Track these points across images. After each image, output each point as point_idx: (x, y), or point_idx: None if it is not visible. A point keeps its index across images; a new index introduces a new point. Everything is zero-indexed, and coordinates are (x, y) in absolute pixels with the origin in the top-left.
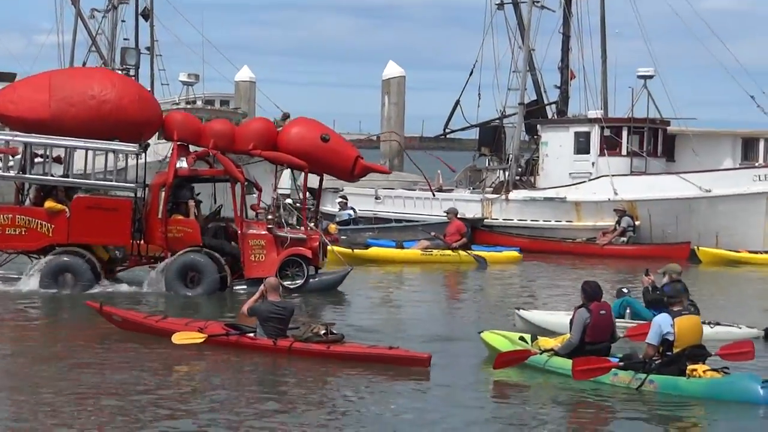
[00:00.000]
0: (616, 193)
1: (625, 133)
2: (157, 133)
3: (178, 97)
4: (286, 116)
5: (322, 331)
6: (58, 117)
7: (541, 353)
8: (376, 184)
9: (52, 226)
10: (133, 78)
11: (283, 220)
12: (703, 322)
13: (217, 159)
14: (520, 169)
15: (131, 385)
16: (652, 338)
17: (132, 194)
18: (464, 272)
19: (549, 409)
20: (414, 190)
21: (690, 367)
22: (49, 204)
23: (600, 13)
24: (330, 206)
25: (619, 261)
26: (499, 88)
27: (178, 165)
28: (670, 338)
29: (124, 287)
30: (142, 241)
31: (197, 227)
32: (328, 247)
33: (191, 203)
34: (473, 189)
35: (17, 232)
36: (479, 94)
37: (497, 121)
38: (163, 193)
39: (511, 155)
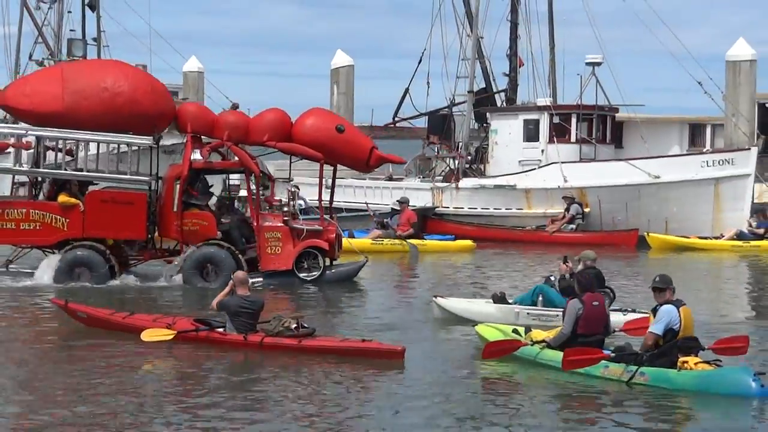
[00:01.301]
0: (565, 180)
1: (574, 120)
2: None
3: None
4: (235, 106)
5: (293, 325)
6: (72, 110)
7: (532, 345)
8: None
9: (67, 220)
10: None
11: (297, 212)
12: (619, 309)
13: (231, 151)
14: (469, 157)
15: (98, 384)
16: (657, 328)
17: (146, 187)
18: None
19: (537, 402)
20: (364, 179)
21: (681, 359)
22: (63, 198)
23: (548, 1)
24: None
25: (568, 248)
26: (448, 76)
27: (192, 157)
28: (676, 328)
29: (138, 281)
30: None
31: (213, 220)
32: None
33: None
34: (423, 178)
35: (31, 227)
36: (428, 82)
37: (446, 109)
38: (177, 186)
39: (460, 143)
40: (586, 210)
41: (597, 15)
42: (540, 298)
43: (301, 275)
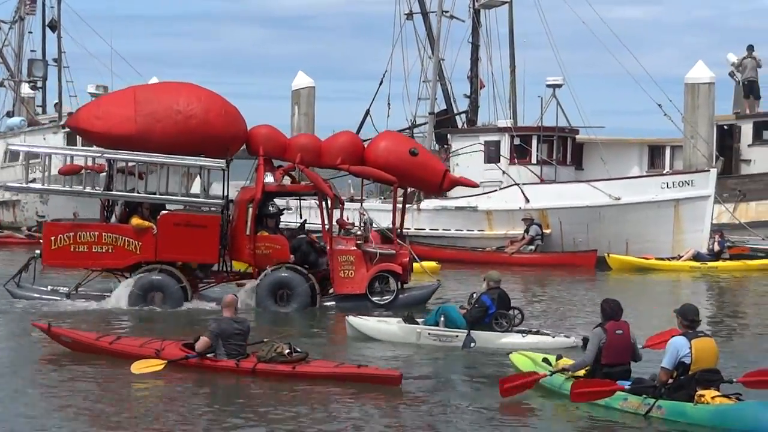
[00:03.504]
0: (527, 202)
1: (534, 142)
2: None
3: None
4: None
5: (286, 350)
6: (145, 132)
7: (551, 374)
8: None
9: (140, 243)
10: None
11: (370, 236)
12: (521, 331)
13: (304, 174)
14: None
15: (85, 410)
16: (667, 362)
17: (218, 211)
18: None
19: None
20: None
21: (699, 392)
22: (136, 221)
23: (508, 23)
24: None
25: (528, 269)
26: (409, 97)
27: (265, 180)
28: (687, 361)
29: (211, 305)
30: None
31: (286, 243)
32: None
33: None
34: (384, 199)
35: (104, 250)
36: (389, 103)
37: (407, 130)
38: (250, 209)
39: None
40: (547, 231)
41: (557, 37)
42: (442, 319)
43: (374, 299)
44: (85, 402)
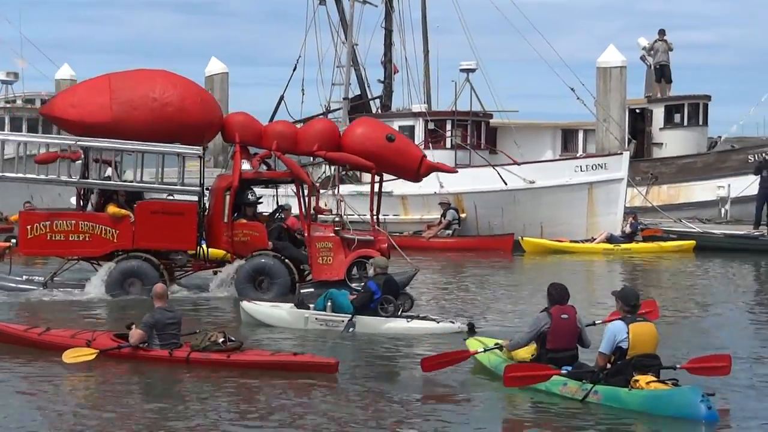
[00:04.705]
0: (442, 186)
1: (449, 126)
2: None
3: None
4: None
5: (221, 339)
6: (120, 120)
7: (485, 351)
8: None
9: (117, 231)
10: None
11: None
12: (407, 317)
13: (281, 160)
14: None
15: (15, 406)
16: (604, 347)
17: (195, 198)
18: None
19: (476, 414)
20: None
21: (635, 378)
22: (112, 209)
23: (421, 8)
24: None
25: (445, 254)
26: (323, 83)
27: (242, 167)
28: (624, 346)
29: (186, 293)
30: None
31: (264, 231)
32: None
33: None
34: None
35: (81, 238)
36: (303, 89)
37: (322, 116)
38: (227, 197)
39: None
40: (462, 216)
41: (471, 22)
42: (329, 304)
43: (353, 285)
44: (16, 397)
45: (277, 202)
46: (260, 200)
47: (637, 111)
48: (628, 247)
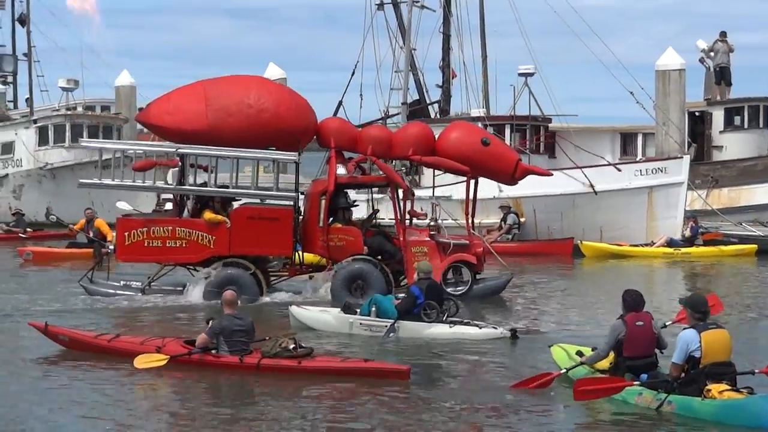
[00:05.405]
0: (501, 191)
1: (507, 131)
2: None
3: (58, 103)
4: None
5: (291, 345)
6: (216, 127)
7: (567, 371)
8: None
9: (213, 237)
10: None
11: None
12: (450, 322)
13: (376, 165)
14: (404, 168)
15: (88, 409)
16: (677, 357)
17: (291, 203)
18: None
19: (553, 422)
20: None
21: (707, 387)
22: (209, 215)
23: (479, 12)
24: None
25: (505, 258)
26: (381, 88)
27: (337, 172)
28: (697, 355)
29: (290, 297)
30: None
31: (359, 235)
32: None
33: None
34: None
35: (178, 245)
36: (361, 94)
37: (380, 121)
38: (323, 202)
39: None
40: (522, 220)
41: (528, 26)
42: (374, 309)
43: (449, 290)
44: (88, 402)
45: (373, 207)
46: (356, 204)
47: (697, 114)
48: (688, 251)
